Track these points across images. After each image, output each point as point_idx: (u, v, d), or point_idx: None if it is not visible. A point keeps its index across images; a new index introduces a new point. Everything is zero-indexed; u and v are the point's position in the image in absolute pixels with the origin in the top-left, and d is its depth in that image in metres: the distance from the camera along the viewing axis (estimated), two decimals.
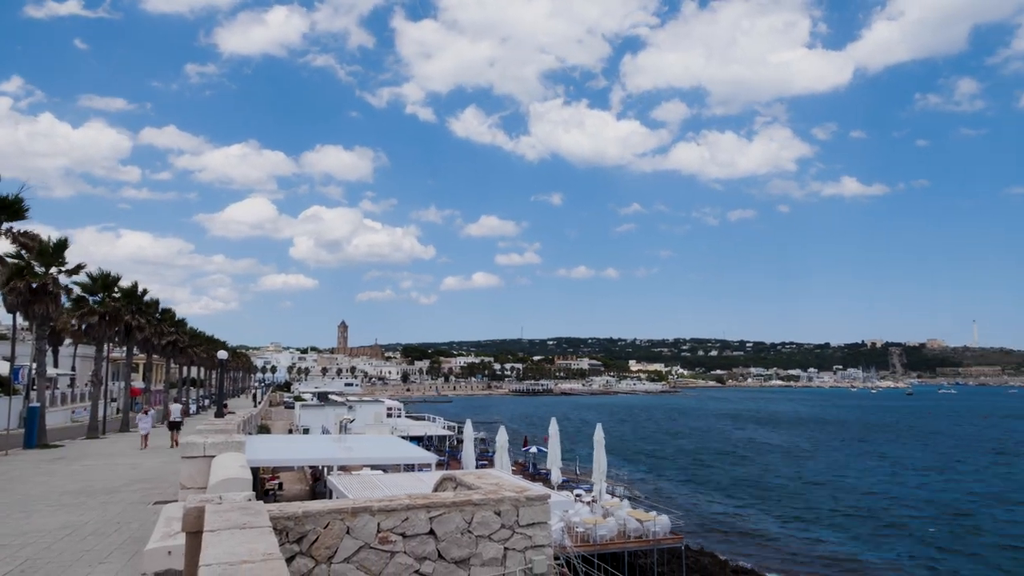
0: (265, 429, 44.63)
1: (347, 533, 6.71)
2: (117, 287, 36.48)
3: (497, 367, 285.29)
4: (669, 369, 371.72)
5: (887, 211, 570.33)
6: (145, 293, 40.89)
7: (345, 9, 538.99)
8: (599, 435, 27.57)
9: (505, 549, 7.48)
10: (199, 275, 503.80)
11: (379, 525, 6.87)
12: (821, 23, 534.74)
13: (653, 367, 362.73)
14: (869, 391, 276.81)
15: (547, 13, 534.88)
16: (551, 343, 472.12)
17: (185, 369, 63.89)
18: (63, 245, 28.49)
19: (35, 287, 26.72)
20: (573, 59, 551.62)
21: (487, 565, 7.32)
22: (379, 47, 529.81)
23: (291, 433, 45.55)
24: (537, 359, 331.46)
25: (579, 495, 26.61)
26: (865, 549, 27.45)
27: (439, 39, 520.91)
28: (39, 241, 26.80)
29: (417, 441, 33.25)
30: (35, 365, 28.83)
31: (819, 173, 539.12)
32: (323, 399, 67.51)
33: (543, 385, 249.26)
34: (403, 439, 27.13)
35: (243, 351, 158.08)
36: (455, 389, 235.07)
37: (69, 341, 55.40)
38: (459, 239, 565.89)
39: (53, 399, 41.46)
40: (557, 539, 18.34)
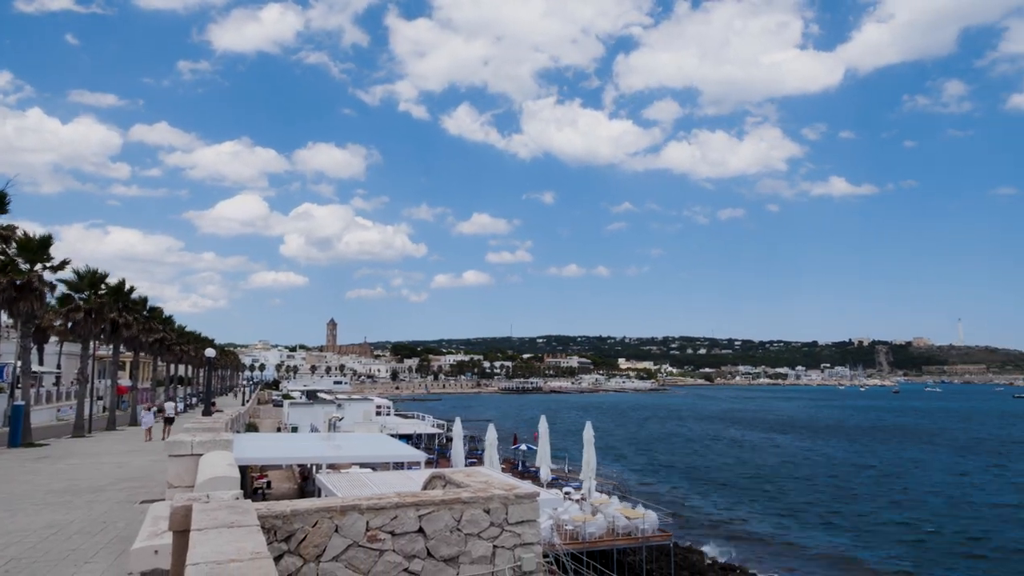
0: (253, 427, 44.33)
1: (336, 531, 6.68)
2: (104, 284, 36.17)
3: (486, 365, 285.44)
4: (658, 367, 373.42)
5: (875, 211, 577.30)
6: (132, 290, 40.63)
7: (339, 7, 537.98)
8: (588, 433, 27.60)
9: (494, 547, 7.48)
10: (188, 272, 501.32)
11: (368, 523, 6.84)
12: (813, 24, 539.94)
13: (642, 365, 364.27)
14: (858, 389, 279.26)
15: (541, 13, 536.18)
16: (541, 341, 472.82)
17: (173, 367, 63.49)
18: (47, 241, 28.20)
19: (19, 284, 26.46)
20: (567, 59, 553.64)
21: (476, 563, 7.32)
22: (373, 45, 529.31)
23: (279, 431, 45.33)
24: (527, 357, 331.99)
25: (568, 493, 26.61)
26: (854, 547, 27.59)
27: (433, 37, 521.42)
28: (25, 235, 26.55)
29: (406, 439, 33.14)
30: (20, 363, 28.57)
31: (808, 173, 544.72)
32: (312, 397, 67.15)
33: (532, 383, 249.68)
34: (392, 437, 27.04)
35: (231, 349, 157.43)
36: (444, 387, 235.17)
37: (55, 339, 54.96)
38: (450, 237, 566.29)
39: (38, 397, 41.03)
40: (546, 537, 18.39)
